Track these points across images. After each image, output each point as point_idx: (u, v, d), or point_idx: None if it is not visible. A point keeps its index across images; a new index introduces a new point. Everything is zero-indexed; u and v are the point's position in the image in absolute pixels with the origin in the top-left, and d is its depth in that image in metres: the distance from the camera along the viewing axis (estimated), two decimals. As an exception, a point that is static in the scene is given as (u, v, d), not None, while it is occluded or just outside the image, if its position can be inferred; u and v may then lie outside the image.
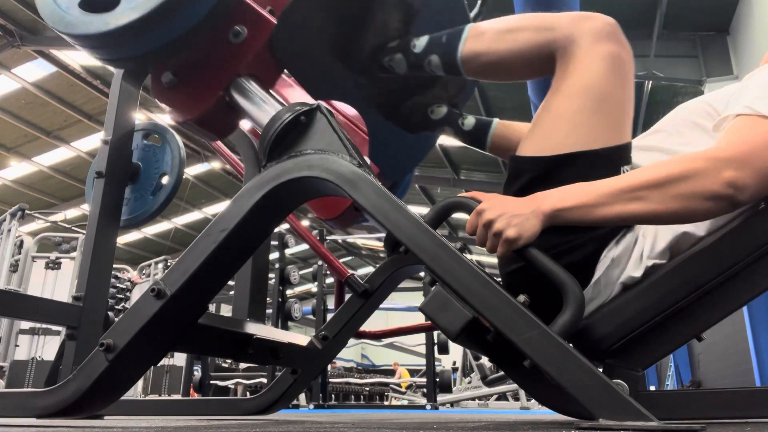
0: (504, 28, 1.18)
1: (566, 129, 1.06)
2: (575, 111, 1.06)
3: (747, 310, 5.36)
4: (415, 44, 1.29)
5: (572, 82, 1.07)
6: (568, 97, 1.07)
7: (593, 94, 1.06)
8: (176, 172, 1.88)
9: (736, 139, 0.92)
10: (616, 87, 1.07)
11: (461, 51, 1.22)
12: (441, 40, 1.26)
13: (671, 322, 0.98)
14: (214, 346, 1.46)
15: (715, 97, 1.12)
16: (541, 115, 1.11)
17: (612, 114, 1.07)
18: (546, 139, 1.09)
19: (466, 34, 1.22)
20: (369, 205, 1.02)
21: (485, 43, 1.20)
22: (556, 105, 1.09)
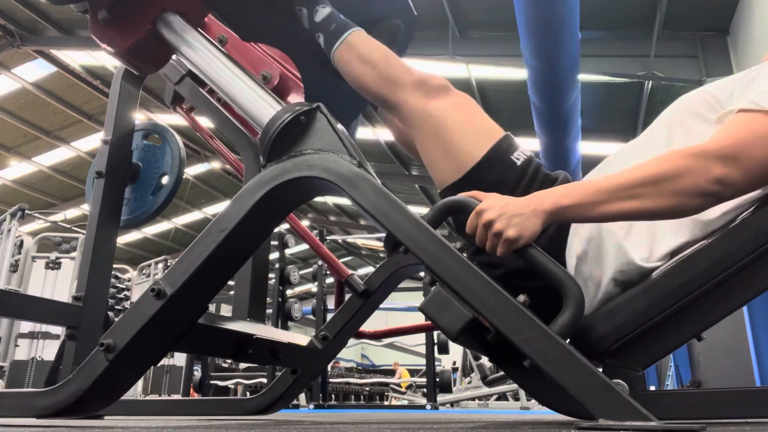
0: (367, 59, 1.30)
1: (451, 157, 1.20)
2: (446, 143, 1.21)
3: (747, 310, 5.36)
4: (317, 11, 1.37)
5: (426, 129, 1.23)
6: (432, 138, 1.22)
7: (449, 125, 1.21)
8: (176, 172, 1.88)
9: (727, 134, 0.93)
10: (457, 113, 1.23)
11: (334, 52, 1.34)
12: (330, 27, 1.35)
13: (671, 322, 0.98)
14: (214, 346, 1.46)
15: (717, 86, 1.12)
16: (428, 160, 1.26)
17: (472, 129, 1.21)
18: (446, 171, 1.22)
19: (344, 38, 1.33)
20: (369, 204, 1.02)
21: (351, 59, 1.32)
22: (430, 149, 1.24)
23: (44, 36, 7.99)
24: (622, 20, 6.54)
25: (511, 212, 0.95)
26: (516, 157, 1.19)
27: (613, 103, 7.72)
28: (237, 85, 1.28)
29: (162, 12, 1.35)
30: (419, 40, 1.68)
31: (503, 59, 6.94)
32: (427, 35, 6.71)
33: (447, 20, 6.69)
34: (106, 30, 1.38)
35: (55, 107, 9.62)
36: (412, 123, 1.25)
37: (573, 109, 5.95)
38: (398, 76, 1.26)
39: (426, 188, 11.92)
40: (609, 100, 7.60)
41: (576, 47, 5.06)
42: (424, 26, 6.54)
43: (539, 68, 5.24)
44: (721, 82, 1.12)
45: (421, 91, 1.24)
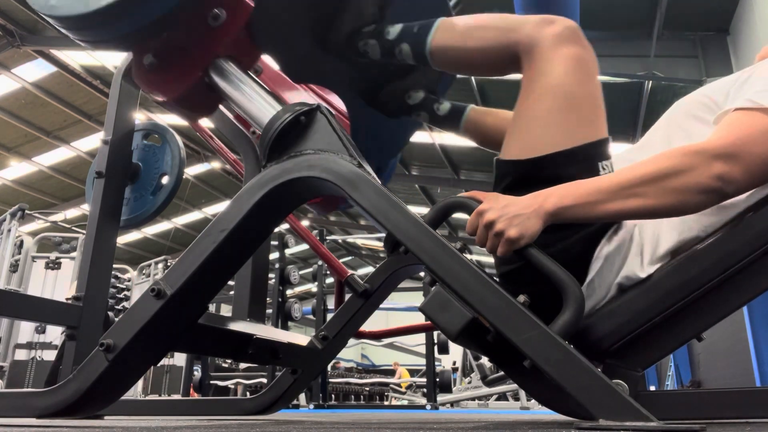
0: (472, 26, 1.21)
1: (540, 130, 1.08)
2: (546, 111, 1.08)
3: (747, 310, 5.36)
4: (389, 31, 1.31)
5: (539, 84, 1.09)
6: (537, 99, 1.09)
7: (560, 94, 1.08)
8: (176, 172, 1.88)
9: (728, 131, 0.93)
10: (581, 85, 1.09)
11: (430, 43, 1.24)
12: (412, 30, 1.28)
13: (671, 322, 0.98)
14: (214, 346, 1.46)
15: (714, 88, 1.12)
16: (516, 118, 1.14)
17: (582, 111, 1.08)
18: (523, 141, 1.10)
19: (435, 26, 1.25)
20: (369, 205, 1.02)
21: (453, 38, 1.23)
22: (527, 107, 1.11)
23: (44, 36, 7.99)
24: (622, 20, 6.54)
25: (512, 213, 0.95)
26: (603, 167, 1.07)
27: (613, 103, 7.72)
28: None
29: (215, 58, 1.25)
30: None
31: (503, 59, 6.93)
32: (427, 35, 6.70)
33: (447, 20, 6.68)
34: (152, 76, 1.28)
35: (55, 107, 9.62)
36: (540, 67, 1.09)
37: (573, 109, 5.93)
38: (517, 20, 1.15)
39: (426, 188, 11.92)
40: (609, 100, 7.44)
41: (576, 47, 5.04)
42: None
43: (539, 68, 5.23)
44: (717, 84, 1.13)
45: (551, 27, 1.10)
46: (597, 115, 1.10)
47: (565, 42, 1.09)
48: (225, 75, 1.25)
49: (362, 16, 1.35)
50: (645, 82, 6.96)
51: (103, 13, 1.12)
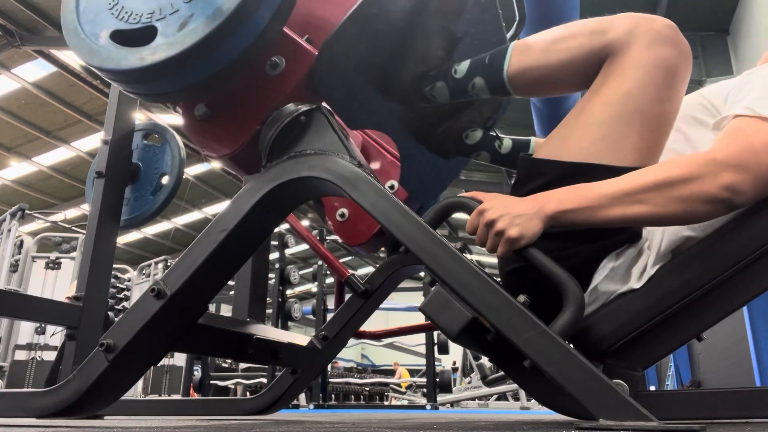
0: (553, 38, 1.12)
1: (593, 137, 1.02)
2: (607, 120, 1.01)
3: (747, 310, 5.35)
4: (456, 69, 1.24)
5: (612, 88, 1.02)
6: (604, 104, 1.02)
7: (631, 105, 1.00)
8: (176, 172, 1.88)
9: (734, 141, 0.92)
10: (657, 100, 1.00)
11: (507, 69, 1.16)
12: (484, 62, 1.20)
13: (671, 322, 0.98)
14: (214, 346, 1.46)
15: (712, 91, 1.11)
16: (572, 117, 1.07)
17: (646, 130, 1.01)
18: (570, 142, 1.05)
19: (510, 50, 1.16)
20: (369, 205, 1.02)
21: (532, 56, 1.13)
22: (589, 109, 1.04)
23: (44, 36, 7.99)
24: (622, 20, 6.52)
25: (513, 212, 0.94)
26: None
27: (613, 103, 7.70)
28: None
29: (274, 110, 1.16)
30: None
31: (503, 59, 6.93)
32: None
33: (447, 20, 6.68)
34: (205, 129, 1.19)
35: (55, 107, 9.62)
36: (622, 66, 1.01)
37: (573, 109, 5.94)
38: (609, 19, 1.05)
39: (426, 188, 11.89)
40: (609, 100, 7.58)
41: (576, 47, 5.05)
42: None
43: (539, 68, 5.24)
44: (716, 87, 1.12)
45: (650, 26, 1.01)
46: (659, 138, 1.03)
47: (659, 43, 1.01)
48: None
49: (428, 60, 1.29)
50: (645, 82, 6.94)
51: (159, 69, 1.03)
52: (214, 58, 1.05)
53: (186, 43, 1.01)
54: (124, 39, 1.07)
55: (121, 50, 1.05)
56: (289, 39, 1.21)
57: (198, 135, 1.21)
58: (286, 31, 1.19)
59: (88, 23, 1.10)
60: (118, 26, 1.07)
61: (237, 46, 1.06)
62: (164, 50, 1.02)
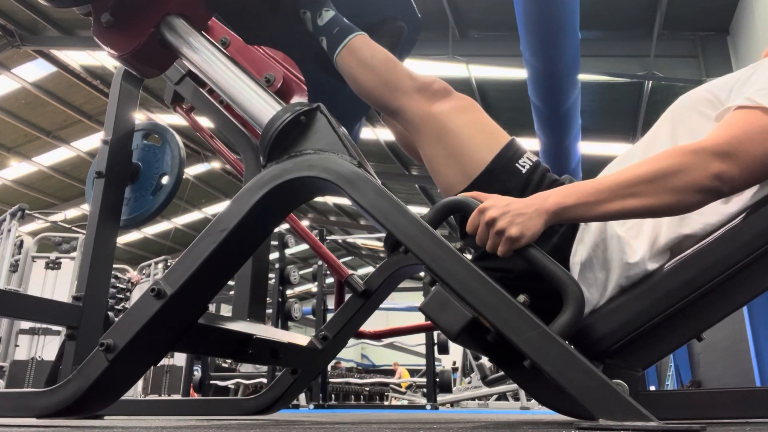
0: (368, 63, 1.29)
1: (456, 165, 1.18)
2: (449, 149, 1.19)
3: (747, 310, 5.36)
4: (321, 14, 1.37)
5: (429, 134, 1.21)
6: (436, 144, 1.21)
7: (452, 132, 1.19)
8: (176, 172, 1.88)
9: (726, 130, 0.94)
10: (462, 118, 1.21)
11: (336, 56, 1.33)
12: (333, 31, 1.34)
13: (671, 322, 0.98)
14: (214, 346, 1.46)
15: (718, 84, 1.12)
16: (432, 167, 1.24)
17: (475, 135, 1.19)
18: (452, 179, 1.20)
19: (346, 43, 1.32)
20: (369, 204, 1.02)
21: (352, 64, 1.31)
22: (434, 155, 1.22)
23: (44, 36, 7.98)
24: (622, 20, 6.54)
25: (513, 211, 0.95)
26: (521, 165, 1.17)
27: (613, 103, 7.72)
28: (238, 86, 1.27)
29: (166, 15, 1.34)
30: (419, 40, 1.70)
31: (503, 59, 6.94)
32: (427, 35, 6.71)
33: (447, 20, 6.69)
34: (110, 33, 1.36)
35: (55, 107, 9.62)
36: (415, 128, 1.24)
37: (573, 109, 5.95)
38: (399, 82, 1.25)
39: (426, 188, 11.92)
40: (609, 100, 7.60)
41: (576, 47, 5.05)
42: (424, 26, 6.48)
43: (539, 68, 5.24)
44: (722, 80, 1.13)
45: (423, 95, 1.23)
46: (489, 131, 1.21)
47: (435, 102, 1.22)
48: (175, 31, 1.34)
49: None
50: (645, 82, 6.96)
51: None
52: None
53: None
54: None
55: None
56: None
57: (104, 39, 1.37)
58: None
59: None
60: None
61: None
62: None
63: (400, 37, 1.57)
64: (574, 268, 1.07)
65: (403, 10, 1.59)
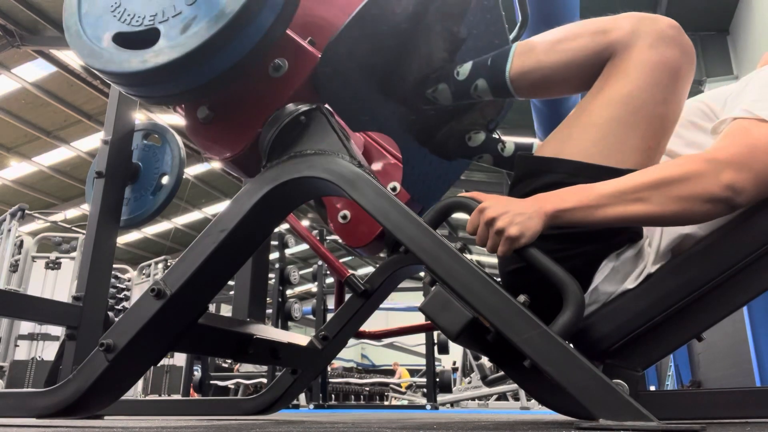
0: (555, 39, 1.11)
1: (594, 138, 1.02)
2: (609, 120, 1.01)
3: (747, 310, 5.35)
4: (458, 71, 1.25)
5: (614, 88, 1.02)
6: (605, 104, 1.02)
7: (633, 106, 1.00)
8: (176, 172, 1.88)
9: (734, 141, 0.92)
10: (660, 102, 1.00)
11: (509, 70, 1.16)
12: (486, 63, 1.21)
13: (671, 322, 0.98)
14: (214, 346, 1.46)
15: (712, 96, 1.12)
16: (573, 118, 1.07)
17: (648, 131, 1.01)
18: (571, 143, 1.05)
19: (513, 51, 1.16)
20: (369, 205, 1.02)
21: (535, 57, 1.13)
22: (590, 110, 1.04)
23: (44, 36, 7.99)
24: (622, 20, 6.53)
25: (513, 211, 0.94)
26: None
27: (613, 103, 7.70)
28: None
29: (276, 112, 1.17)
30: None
31: (503, 59, 6.93)
32: (427, 35, 6.70)
33: (447, 20, 6.68)
34: (207, 131, 1.19)
35: (55, 107, 9.62)
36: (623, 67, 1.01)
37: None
38: (612, 19, 1.05)
39: (426, 188, 11.89)
40: (609, 100, 7.58)
41: (576, 47, 5.05)
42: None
43: (539, 68, 5.24)
44: (716, 92, 1.12)
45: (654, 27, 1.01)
46: (660, 138, 1.03)
47: (662, 43, 1.00)
48: None
49: (431, 62, 1.28)
50: (645, 82, 6.94)
51: (162, 71, 1.02)
52: (216, 61, 1.04)
53: (189, 46, 1.01)
54: (127, 41, 1.06)
55: (124, 53, 1.05)
56: (292, 41, 1.20)
57: (200, 137, 1.20)
58: (289, 33, 1.19)
59: (90, 26, 1.09)
60: (121, 29, 1.07)
61: (240, 49, 1.05)
62: (167, 53, 1.01)
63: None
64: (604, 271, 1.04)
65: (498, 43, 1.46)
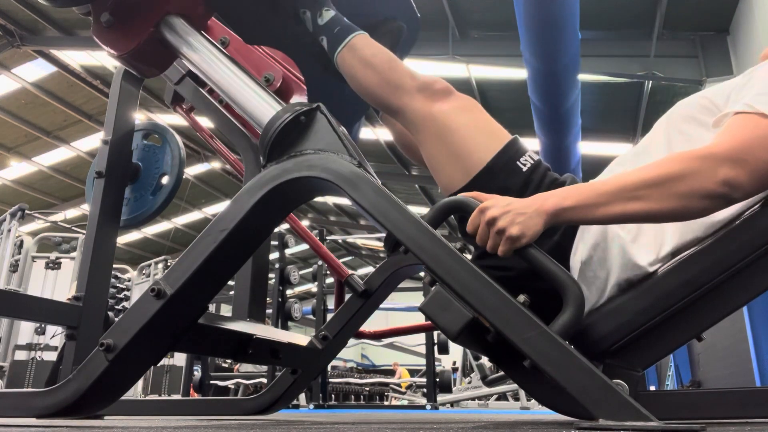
0: (369, 62, 1.30)
1: (457, 163, 1.18)
2: (451, 147, 1.19)
3: (747, 310, 5.36)
4: (321, 14, 1.37)
5: (429, 133, 1.22)
6: (436, 142, 1.21)
7: (453, 131, 1.19)
8: (176, 172, 1.88)
9: (731, 136, 0.93)
10: (462, 118, 1.21)
11: (337, 55, 1.34)
12: (333, 30, 1.35)
13: (671, 322, 0.98)
14: (214, 346, 1.46)
15: (714, 91, 1.12)
16: (432, 165, 1.25)
17: (476, 134, 1.20)
18: (452, 177, 1.20)
19: (347, 42, 1.33)
20: (369, 204, 1.02)
21: (353, 63, 1.32)
22: (434, 153, 1.23)
23: (44, 36, 7.98)
24: (622, 20, 6.54)
25: (514, 211, 0.95)
26: (522, 163, 1.16)
27: (613, 103, 7.72)
28: (238, 85, 1.27)
29: (165, 15, 1.34)
30: (419, 40, 1.71)
31: (503, 59, 6.94)
32: (427, 35, 6.71)
33: (447, 20, 6.69)
34: (109, 33, 1.37)
35: (55, 107, 9.62)
36: (416, 127, 1.24)
37: (573, 109, 5.95)
38: (401, 81, 1.26)
39: (426, 188, 11.92)
40: (609, 100, 7.60)
41: (576, 47, 5.06)
42: (424, 26, 6.48)
43: (539, 68, 5.24)
44: (718, 87, 1.12)
45: (424, 95, 1.23)
46: (491, 130, 1.22)
47: (436, 101, 1.22)
48: (175, 31, 1.34)
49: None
50: (645, 82, 6.96)
51: None
52: None
53: None
54: None
55: None
56: None
57: (104, 38, 1.38)
58: None
59: None
60: None
61: None
62: None
63: (399, 37, 1.57)
64: (575, 266, 1.07)
65: (402, 10, 1.59)
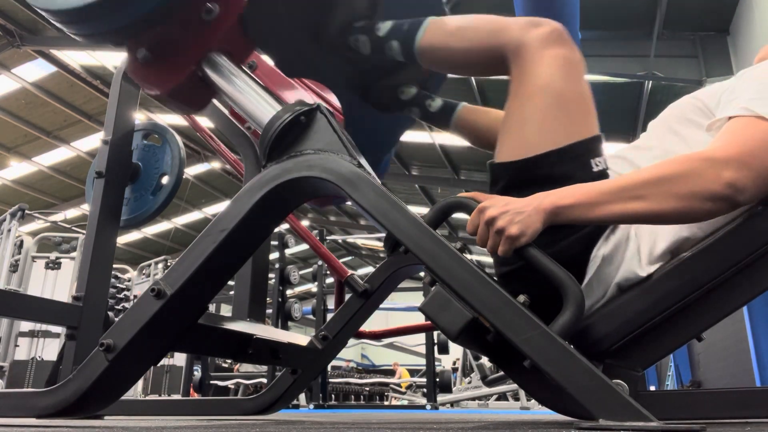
0: (460, 26, 1.23)
1: (530, 131, 1.09)
2: (535, 112, 1.09)
3: (747, 310, 5.35)
4: (379, 27, 1.34)
5: (528, 86, 1.11)
6: (527, 100, 1.10)
7: (549, 94, 1.09)
8: (176, 172, 1.88)
9: (734, 139, 0.92)
10: (569, 85, 1.10)
11: (418, 42, 1.27)
12: (402, 28, 1.31)
13: (671, 322, 0.98)
14: (214, 346, 1.46)
15: (705, 92, 1.12)
16: (506, 121, 1.15)
17: (571, 109, 1.10)
18: (514, 143, 1.11)
19: (425, 25, 1.27)
20: (369, 205, 1.02)
21: (441, 38, 1.25)
22: (516, 109, 1.13)
23: (44, 36, 7.99)
24: (622, 20, 6.54)
25: (513, 210, 0.95)
26: (596, 163, 1.08)
27: (613, 103, 7.72)
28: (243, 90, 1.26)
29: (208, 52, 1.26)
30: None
31: (503, 59, 6.93)
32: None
33: (447, 20, 6.68)
34: (146, 70, 1.29)
35: (55, 107, 9.62)
36: (529, 68, 1.11)
37: (573, 109, 5.94)
38: (504, 22, 1.17)
39: (426, 188, 11.92)
40: (609, 100, 7.60)
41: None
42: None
43: (539, 68, 5.24)
44: (709, 89, 1.13)
45: (539, 31, 1.12)
46: (587, 113, 1.12)
47: (551, 44, 1.11)
48: (218, 69, 1.26)
49: (354, 11, 1.38)
50: (645, 82, 6.95)
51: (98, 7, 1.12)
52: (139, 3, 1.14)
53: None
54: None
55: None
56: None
57: (140, 76, 1.31)
58: None
59: None
60: None
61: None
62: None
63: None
64: (596, 260, 1.05)
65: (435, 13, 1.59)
